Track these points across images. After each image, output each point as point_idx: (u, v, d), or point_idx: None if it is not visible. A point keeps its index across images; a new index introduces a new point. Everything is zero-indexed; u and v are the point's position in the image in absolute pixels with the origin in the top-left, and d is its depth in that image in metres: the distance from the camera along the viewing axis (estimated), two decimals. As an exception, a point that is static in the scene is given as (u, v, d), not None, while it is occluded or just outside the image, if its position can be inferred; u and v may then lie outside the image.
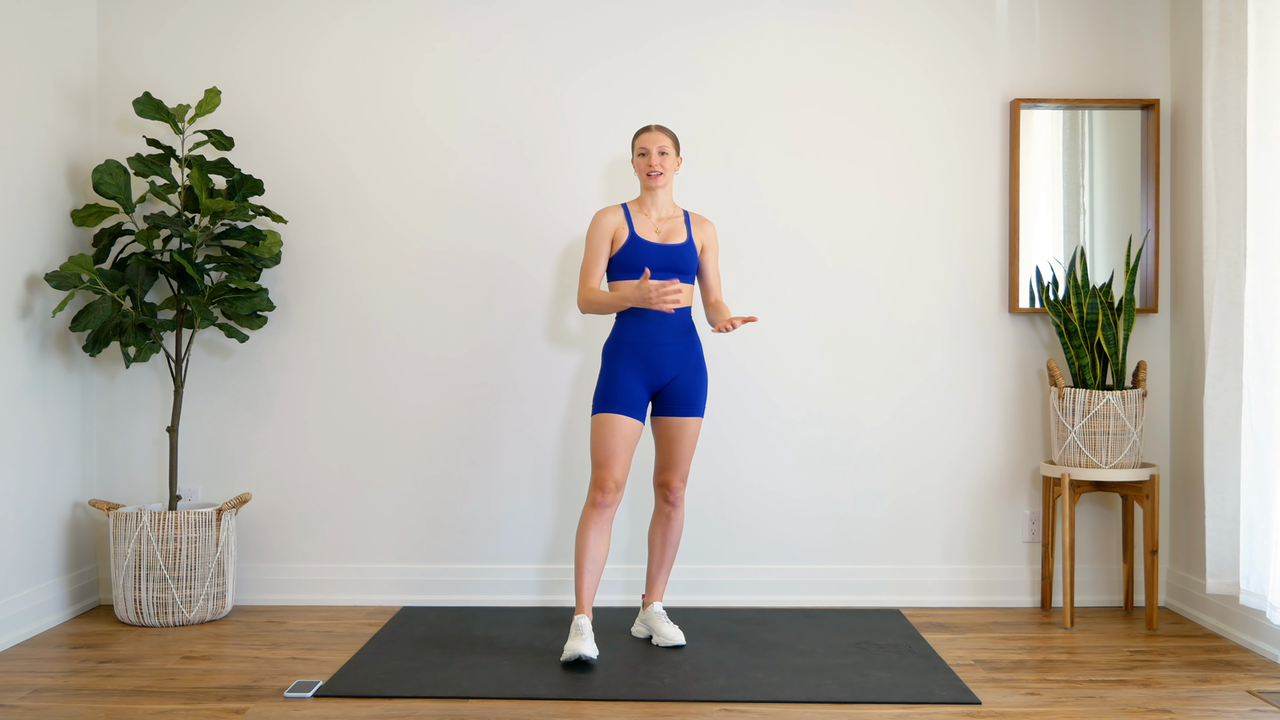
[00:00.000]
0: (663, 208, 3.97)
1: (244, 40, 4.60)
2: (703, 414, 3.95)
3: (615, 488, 3.81)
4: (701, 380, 3.94)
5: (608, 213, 3.95)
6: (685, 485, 3.99)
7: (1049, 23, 4.59)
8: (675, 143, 3.96)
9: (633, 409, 3.83)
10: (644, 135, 3.93)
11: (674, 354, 3.88)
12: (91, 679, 3.60)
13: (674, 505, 3.98)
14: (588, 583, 3.79)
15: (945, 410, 4.60)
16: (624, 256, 3.89)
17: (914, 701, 3.38)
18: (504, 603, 4.54)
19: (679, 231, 3.95)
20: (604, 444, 3.82)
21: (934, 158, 4.59)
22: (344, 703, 3.38)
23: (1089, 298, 4.31)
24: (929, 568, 4.59)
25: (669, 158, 3.92)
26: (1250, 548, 3.75)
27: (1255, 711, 3.32)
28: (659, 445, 3.97)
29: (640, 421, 3.86)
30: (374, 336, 4.60)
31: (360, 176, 4.60)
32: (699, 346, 3.96)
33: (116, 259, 4.39)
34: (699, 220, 4.01)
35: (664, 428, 3.94)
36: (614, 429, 3.81)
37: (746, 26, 4.58)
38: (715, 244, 4.03)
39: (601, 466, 3.81)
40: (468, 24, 4.59)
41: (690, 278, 3.94)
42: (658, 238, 3.92)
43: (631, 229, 3.90)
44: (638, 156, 3.94)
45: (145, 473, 4.60)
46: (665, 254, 3.88)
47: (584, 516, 3.82)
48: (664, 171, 3.91)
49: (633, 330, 3.88)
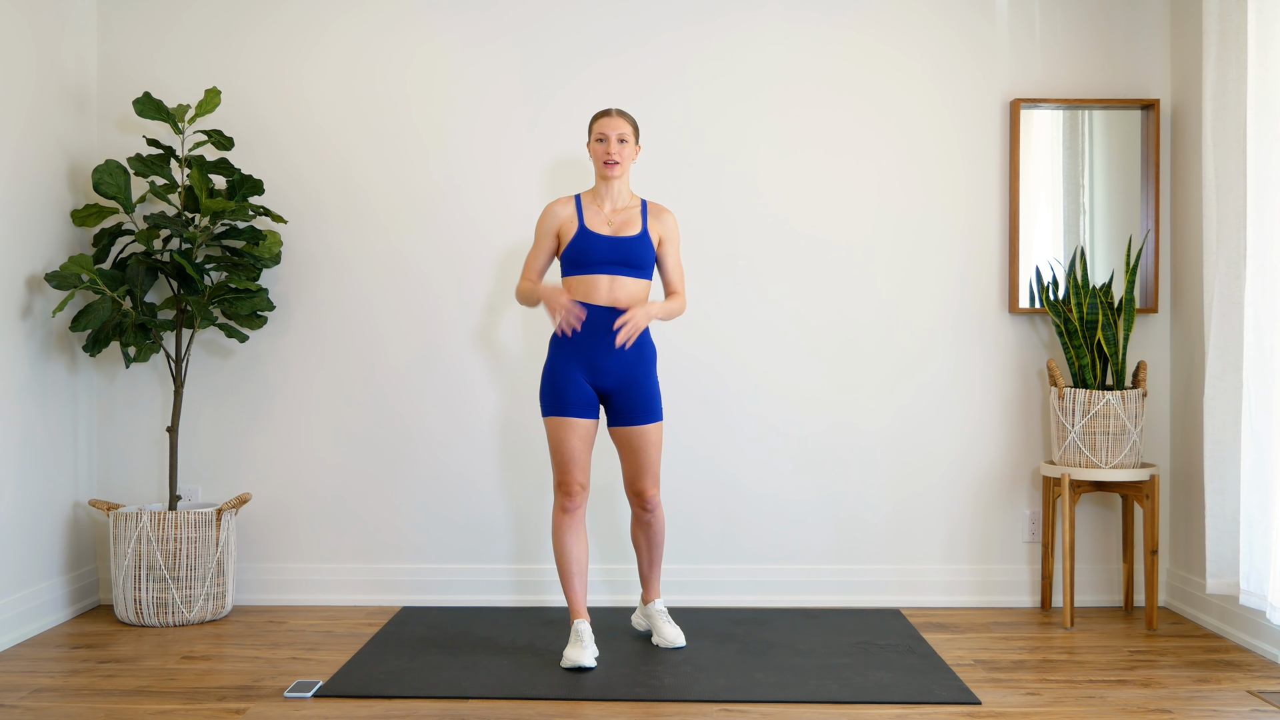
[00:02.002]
0: (618, 198, 3.79)
1: (244, 40, 4.60)
2: (661, 416, 3.81)
3: (580, 490, 3.75)
4: (652, 384, 3.79)
5: (557, 204, 3.81)
6: (658, 487, 3.86)
7: (1049, 23, 4.59)
8: (635, 129, 3.78)
9: (584, 409, 3.72)
10: (603, 119, 3.75)
11: (619, 359, 3.73)
12: (91, 679, 3.60)
13: (651, 510, 3.87)
14: (576, 586, 3.76)
15: (945, 410, 4.60)
16: (573, 250, 3.73)
17: (914, 701, 3.38)
18: (504, 603, 4.54)
19: (633, 223, 3.77)
20: (562, 449, 3.72)
21: (934, 158, 4.59)
22: (344, 703, 3.38)
23: (1089, 298, 4.31)
24: (929, 568, 4.59)
25: (628, 146, 3.74)
26: (1250, 548, 3.75)
27: (1255, 711, 3.32)
28: (624, 456, 3.83)
29: (594, 419, 3.76)
30: (374, 336, 4.60)
31: (360, 176, 4.60)
32: (649, 349, 3.81)
33: (116, 259, 4.39)
34: (657, 210, 3.83)
35: (625, 439, 3.80)
36: (570, 431, 3.71)
37: (746, 27, 4.58)
38: (675, 235, 3.84)
39: (564, 471, 3.73)
40: (467, 24, 4.59)
41: (644, 272, 3.77)
42: (609, 230, 3.75)
43: (581, 221, 3.75)
44: (595, 142, 3.75)
45: (145, 473, 4.60)
46: (615, 247, 3.72)
47: (556, 523, 3.76)
48: (621, 161, 3.73)
49: (581, 325, 3.70)
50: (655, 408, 3.80)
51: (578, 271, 3.75)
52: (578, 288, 3.76)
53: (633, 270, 3.74)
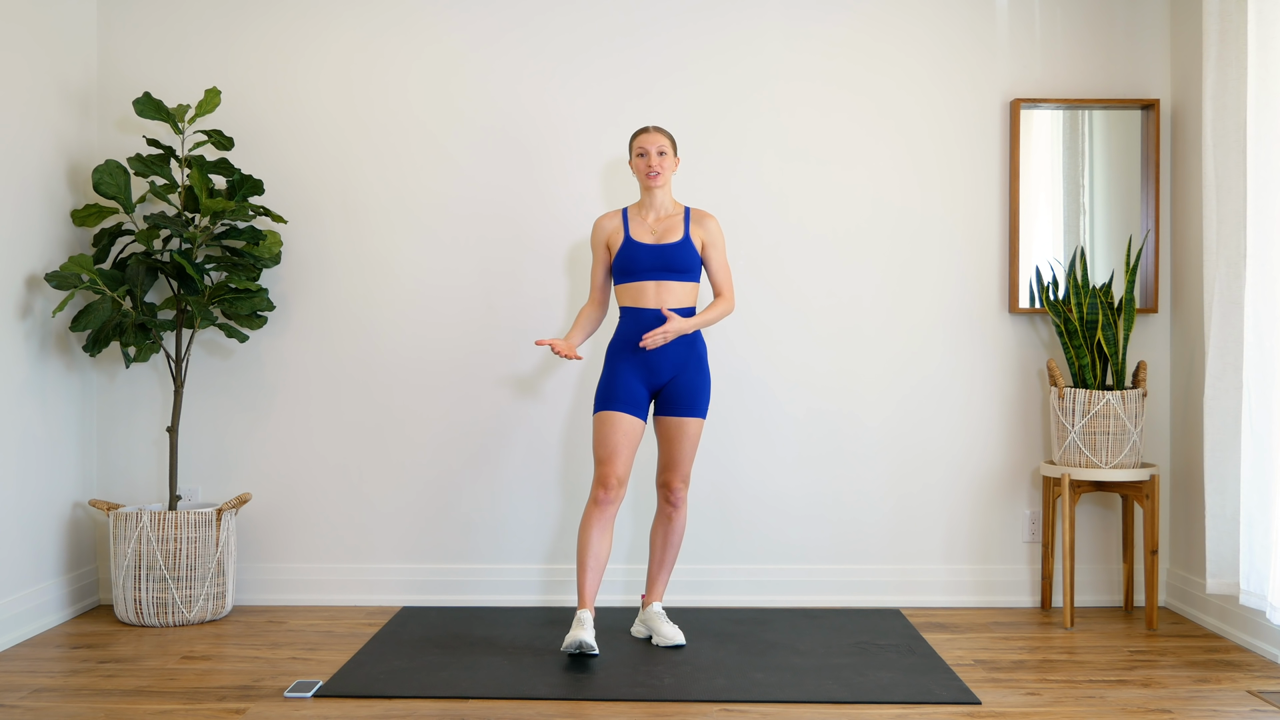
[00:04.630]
0: (661, 207, 3.98)
1: (244, 40, 4.60)
2: (704, 415, 3.95)
3: (618, 484, 3.82)
4: (702, 381, 3.93)
5: (605, 219, 4.00)
6: (687, 486, 3.99)
7: (1049, 23, 4.58)
8: (673, 143, 3.97)
9: (633, 407, 3.85)
10: (642, 136, 3.94)
11: (671, 354, 3.89)
12: (91, 679, 3.60)
13: (675, 506, 3.99)
14: (590, 579, 3.80)
15: (945, 410, 4.60)
16: (621, 260, 3.93)
17: (914, 701, 3.38)
18: (504, 603, 4.54)
19: (675, 230, 3.94)
20: (605, 441, 3.84)
21: (934, 158, 4.59)
22: (344, 703, 3.38)
23: (1089, 298, 4.31)
24: (929, 568, 4.59)
25: (667, 158, 3.93)
26: (1250, 548, 3.75)
27: (1255, 711, 3.32)
28: (661, 445, 3.98)
29: (642, 420, 3.88)
30: (373, 336, 4.60)
31: (360, 176, 4.60)
32: (700, 347, 3.96)
33: (116, 259, 4.39)
34: (699, 216, 3.99)
35: (665, 428, 3.95)
36: (615, 426, 3.83)
37: (746, 26, 4.58)
38: (718, 239, 3.99)
39: (603, 464, 3.83)
40: (467, 24, 4.59)
41: (690, 275, 3.93)
42: (652, 238, 3.93)
43: (627, 232, 3.93)
44: (636, 158, 3.96)
45: (145, 473, 4.60)
46: (658, 254, 3.89)
47: (586, 514, 3.84)
48: (662, 172, 3.92)
49: (633, 329, 3.90)
50: (702, 403, 3.94)
51: (627, 279, 3.92)
52: (627, 294, 3.93)
53: (678, 275, 3.90)
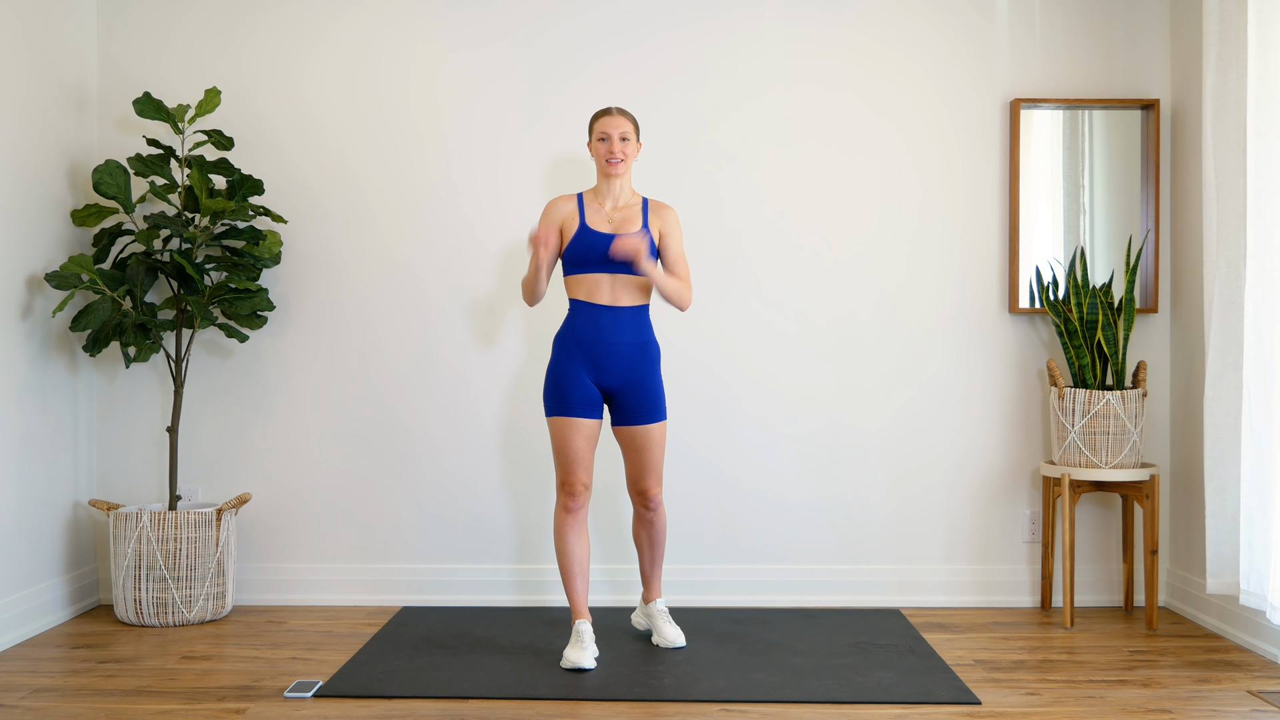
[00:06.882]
0: (619, 196, 3.79)
1: (244, 40, 4.60)
2: (665, 415, 3.81)
3: (584, 490, 3.74)
4: (657, 383, 3.79)
5: (559, 201, 3.81)
6: (661, 485, 3.86)
7: (1049, 23, 4.59)
8: (636, 127, 3.78)
9: (588, 409, 3.72)
10: (604, 119, 3.75)
11: (623, 358, 3.73)
12: (91, 679, 3.60)
13: (654, 510, 3.87)
14: (578, 586, 3.76)
15: (945, 410, 4.60)
16: (575, 248, 3.72)
17: (914, 701, 3.38)
18: (504, 603, 4.54)
19: (633, 220, 3.77)
20: (565, 449, 3.72)
21: (934, 158, 4.59)
22: (344, 703, 3.38)
23: (1089, 298, 4.31)
24: (929, 568, 4.59)
25: (630, 144, 3.74)
26: (1250, 548, 3.75)
27: (1255, 711, 3.32)
28: (627, 455, 3.83)
29: (598, 419, 3.76)
30: (374, 336, 4.60)
31: (360, 176, 4.60)
32: (653, 348, 3.81)
33: (116, 259, 4.39)
34: (657, 206, 3.82)
35: (630, 437, 3.79)
36: (575, 431, 3.71)
37: (746, 26, 4.58)
38: (676, 229, 3.82)
39: (567, 471, 3.73)
40: (468, 23, 4.59)
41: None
42: (610, 227, 3.74)
43: (583, 219, 3.74)
44: (597, 141, 3.75)
45: (145, 473, 4.60)
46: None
47: (558, 522, 3.76)
48: (624, 159, 3.73)
49: (583, 325, 3.73)
50: (659, 407, 3.80)
51: (579, 270, 3.74)
52: (580, 287, 3.76)
53: (635, 268, 3.71)
